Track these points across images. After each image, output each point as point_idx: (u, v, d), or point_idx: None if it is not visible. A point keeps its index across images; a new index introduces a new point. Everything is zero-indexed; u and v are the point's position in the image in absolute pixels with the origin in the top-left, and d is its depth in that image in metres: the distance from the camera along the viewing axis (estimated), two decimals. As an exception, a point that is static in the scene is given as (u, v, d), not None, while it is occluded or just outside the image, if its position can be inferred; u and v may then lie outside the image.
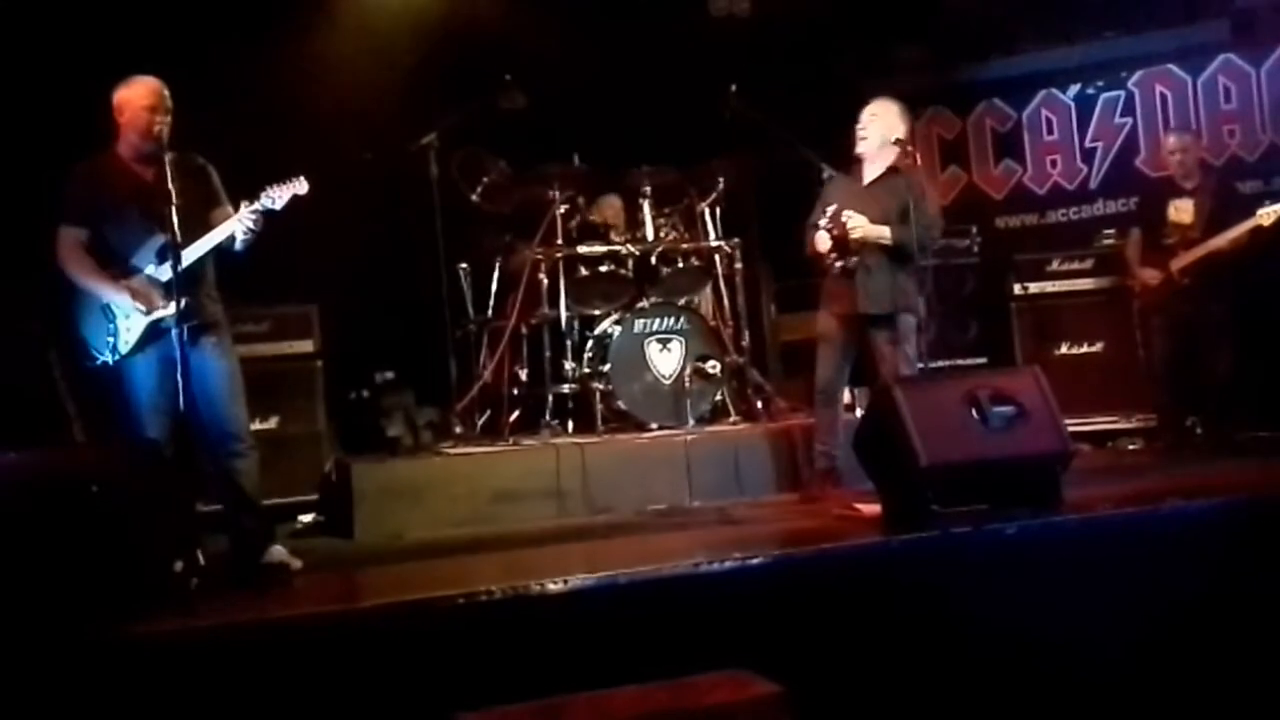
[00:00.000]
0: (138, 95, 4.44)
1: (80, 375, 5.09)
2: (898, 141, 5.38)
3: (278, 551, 4.58)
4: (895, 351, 5.25)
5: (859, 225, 5.26)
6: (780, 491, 5.76)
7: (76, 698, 3.38)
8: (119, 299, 4.41)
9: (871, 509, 4.77)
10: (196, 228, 4.41)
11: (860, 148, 5.48)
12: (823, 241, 5.36)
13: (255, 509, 4.58)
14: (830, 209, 5.33)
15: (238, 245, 4.48)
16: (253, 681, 3.50)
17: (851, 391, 6.01)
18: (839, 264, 5.36)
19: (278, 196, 4.45)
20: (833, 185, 5.66)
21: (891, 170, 5.43)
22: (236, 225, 4.43)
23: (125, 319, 4.42)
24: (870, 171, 5.48)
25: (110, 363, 4.44)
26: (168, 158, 4.37)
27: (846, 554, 4.17)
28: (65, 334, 4.71)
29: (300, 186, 4.48)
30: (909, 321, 5.33)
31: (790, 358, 7.58)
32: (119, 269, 4.43)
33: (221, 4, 6.42)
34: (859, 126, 5.48)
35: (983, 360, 7.09)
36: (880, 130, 5.40)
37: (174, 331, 4.19)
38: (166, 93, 4.49)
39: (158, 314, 4.37)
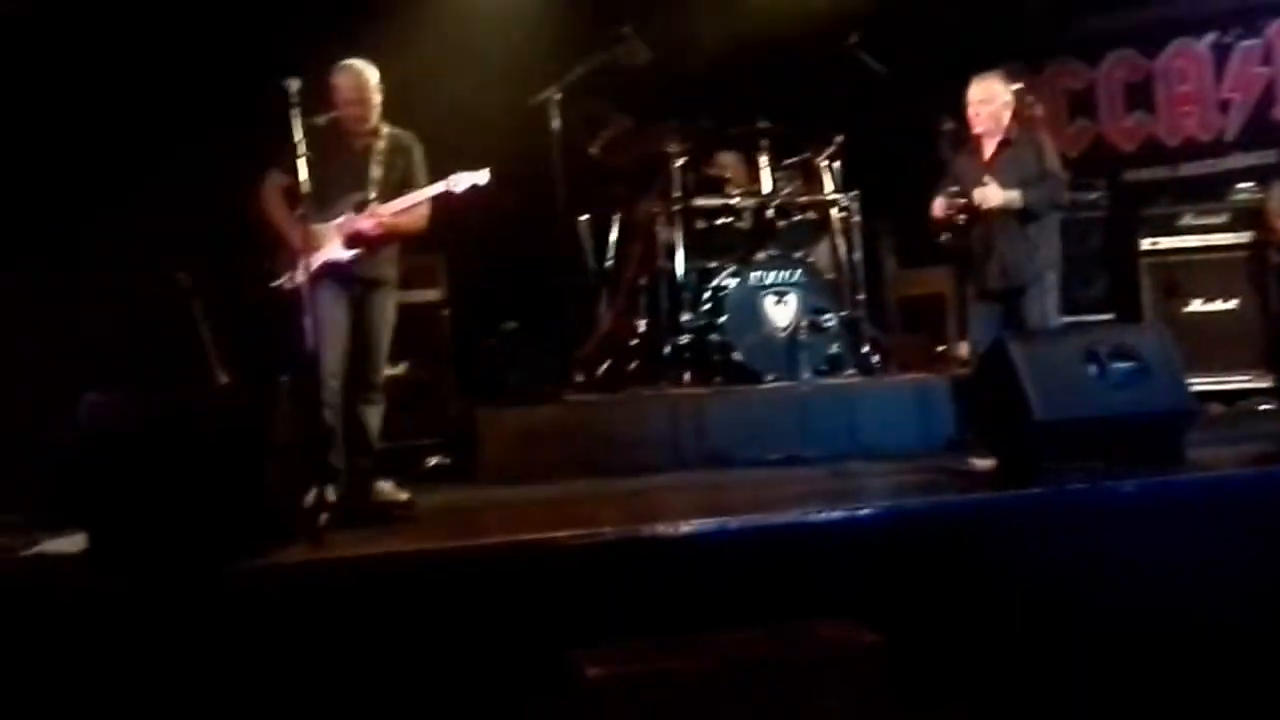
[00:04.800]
0: (343, 87, 4.90)
1: (230, 320, 5.43)
2: (1009, 105, 5.39)
3: (386, 487, 4.96)
4: (1037, 308, 5.29)
5: (989, 196, 5.25)
6: (896, 445, 5.76)
7: (212, 626, 3.60)
8: (292, 239, 4.79)
9: (985, 464, 4.76)
10: (392, 198, 4.91)
11: (977, 128, 5.46)
12: (940, 207, 5.42)
13: (372, 452, 4.96)
14: (955, 193, 5.40)
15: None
16: (376, 613, 3.69)
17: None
18: (943, 237, 5.45)
19: (459, 182, 4.87)
20: (957, 163, 5.61)
21: (1007, 142, 5.40)
22: (419, 196, 4.90)
23: (311, 257, 4.79)
24: (990, 145, 5.46)
25: (286, 288, 4.83)
26: (385, 132, 4.96)
27: (958, 508, 4.19)
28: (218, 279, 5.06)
29: (481, 178, 4.88)
30: (1049, 277, 5.36)
31: (910, 312, 7.53)
32: (313, 215, 4.76)
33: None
34: (970, 111, 5.45)
35: (1109, 317, 6.94)
36: (990, 109, 5.37)
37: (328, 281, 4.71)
38: (371, 80, 4.93)
39: (322, 257, 4.78)
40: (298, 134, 4.59)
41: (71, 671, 3.55)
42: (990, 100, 5.38)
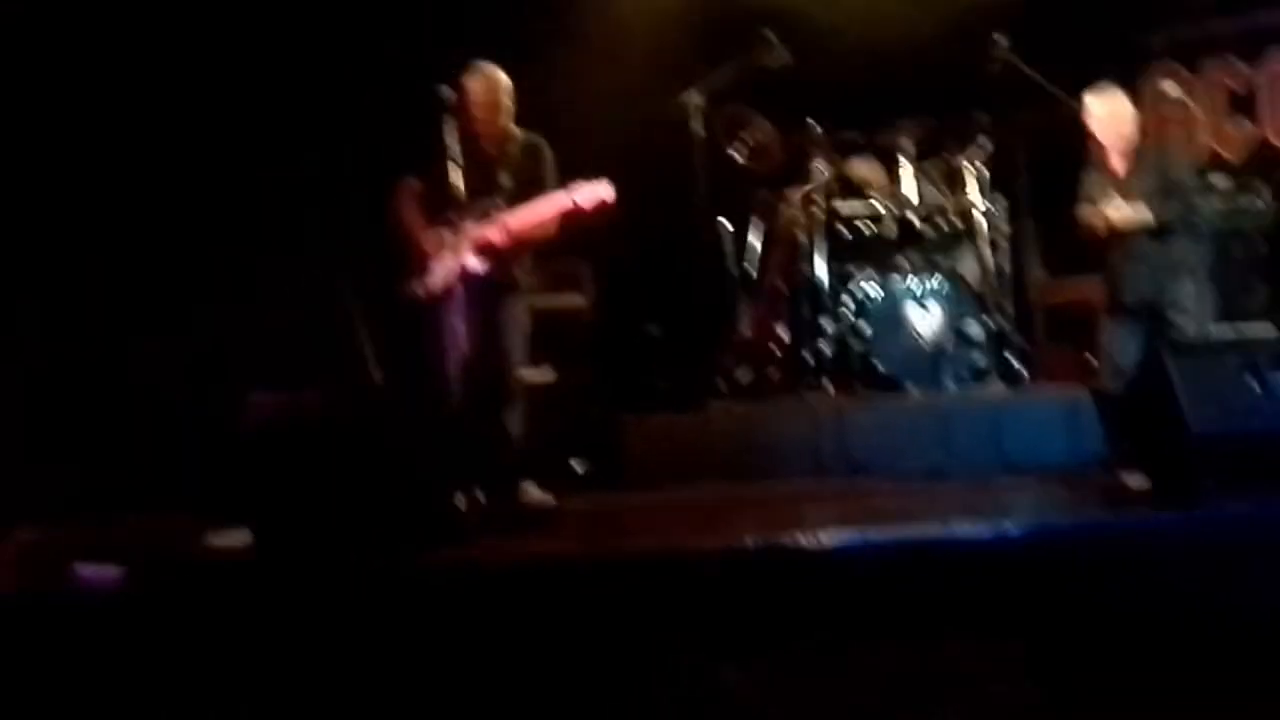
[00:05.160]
0: (473, 92, 4.94)
1: (385, 323, 5.63)
2: (1134, 117, 5.28)
3: (531, 490, 5.01)
4: (1187, 319, 5.14)
5: (1118, 215, 5.10)
6: (1043, 460, 5.64)
7: (369, 621, 3.75)
8: (425, 246, 4.94)
9: (1138, 482, 4.64)
10: (523, 203, 4.92)
11: (1103, 142, 5.33)
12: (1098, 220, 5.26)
13: (514, 455, 5.02)
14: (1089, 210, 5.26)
15: None
16: (521, 613, 3.79)
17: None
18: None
19: (582, 192, 4.87)
20: (1088, 178, 5.48)
21: (1135, 154, 5.26)
22: (542, 209, 4.91)
23: (442, 263, 4.93)
24: (1116, 158, 5.32)
25: (419, 294, 4.97)
26: (516, 136, 5.00)
27: (1110, 527, 4.10)
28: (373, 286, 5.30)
29: (606, 192, 4.89)
30: (1195, 287, 5.21)
31: (1058, 323, 7.33)
32: (444, 222, 4.91)
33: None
34: (1093, 126, 5.32)
35: (1272, 325, 6.66)
36: (1115, 123, 5.25)
37: (459, 287, 4.81)
38: (502, 84, 4.99)
39: (453, 265, 4.87)
40: (451, 141, 4.72)
41: (234, 661, 3.73)
42: (1116, 115, 5.26)
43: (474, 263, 4.87)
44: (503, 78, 5.02)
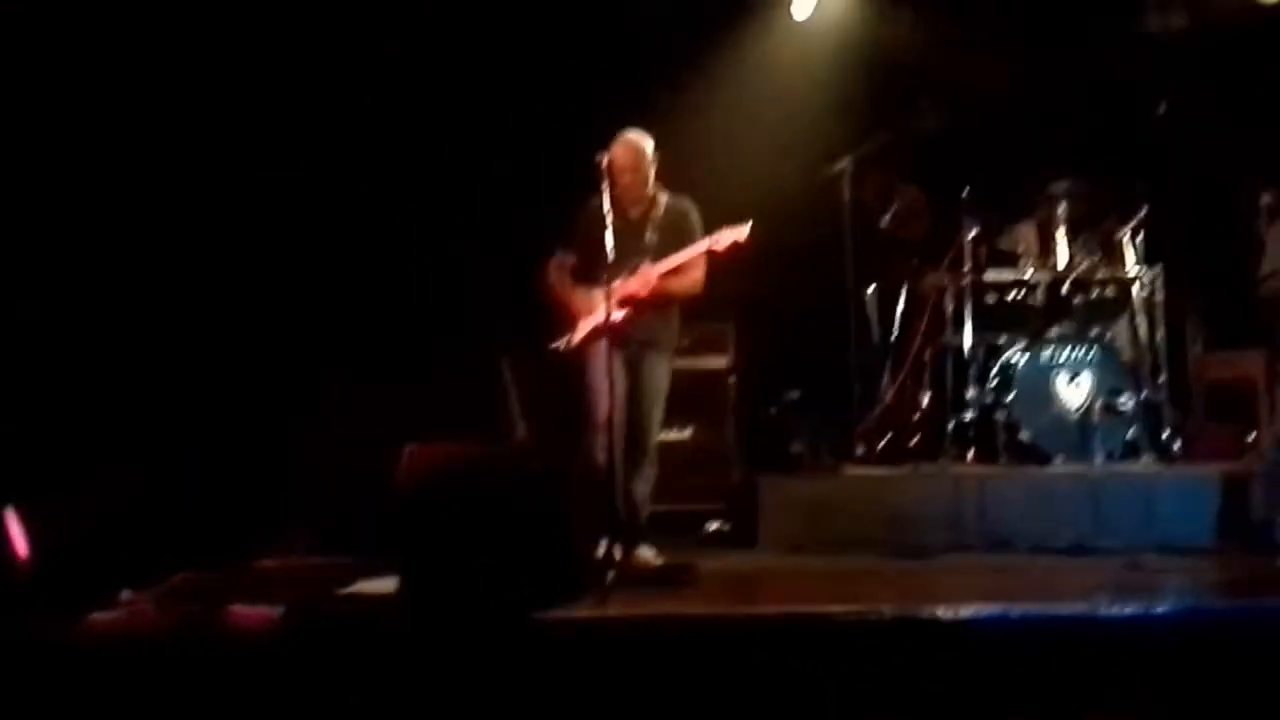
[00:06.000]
0: (615, 158, 5.05)
1: (531, 380, 5.78)
2: None
3: (644, 552, 5.06)
4: None
5: None
6: (1196, 538, 5.42)
7: (510, 671, 3.81)
8: (575, 304, 5.11)
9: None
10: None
11: None
12: None
13: (638, 518, 5.08)
14: None
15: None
16: (653, 670, 3.81)
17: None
18: None
19: (721, 239, 4.98)
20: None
21: None
22: (685, 257, 5.03)
23: (589, 319, 5.06)
24: None
25: (561, 349, 5.13)
26: (661, 200, 5.12)
27: (1263, 610, 3.92)
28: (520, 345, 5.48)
29: (741, 233, 4.99)
30: None
31: (1217, 397, 7.08)
32: (595, 282, 5.04)
33: (656, 39, 6.95)
34: None
35: None
36: None
37: (604, 342, 4.91)
38: (645, 150, 5.10)
39: (595, 320, 4.99)
40: (605, 204, 4.86)
41: (380, 705, 3.83)
42: None
43: (617, 315, 4.92)
44: (645, 143, 5.13)
